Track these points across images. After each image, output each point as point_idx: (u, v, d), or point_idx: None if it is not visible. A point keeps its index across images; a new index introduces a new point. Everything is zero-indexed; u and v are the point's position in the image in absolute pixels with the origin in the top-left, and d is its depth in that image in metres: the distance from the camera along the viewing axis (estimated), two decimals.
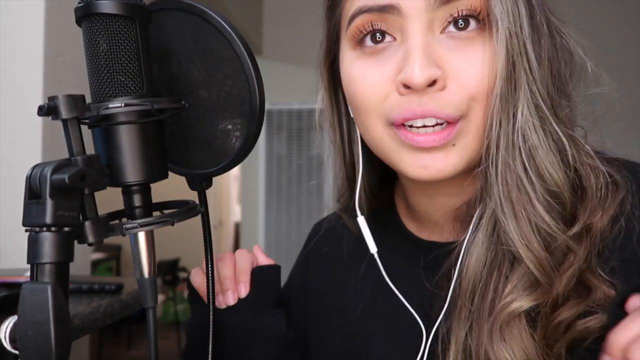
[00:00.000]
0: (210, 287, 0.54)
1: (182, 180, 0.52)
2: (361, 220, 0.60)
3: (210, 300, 0.54)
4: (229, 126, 0.47)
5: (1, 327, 0.38)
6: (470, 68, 0.47)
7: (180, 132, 0.49)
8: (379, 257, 0.59)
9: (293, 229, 3.25)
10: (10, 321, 0.39)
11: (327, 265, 0.69)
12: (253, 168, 3.29)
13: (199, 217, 0.50)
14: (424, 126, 0.49)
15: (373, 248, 0.59)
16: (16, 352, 0.38)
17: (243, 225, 3.59)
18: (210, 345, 0.53)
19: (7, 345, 0.38)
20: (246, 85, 0.45)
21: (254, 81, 0.45)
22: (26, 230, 0.38)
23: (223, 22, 0.45)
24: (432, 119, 0.48)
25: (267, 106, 0.47)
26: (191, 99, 0.47)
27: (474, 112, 0.48)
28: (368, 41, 0.51)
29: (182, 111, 0.47)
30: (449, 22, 0.48)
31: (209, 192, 0.53)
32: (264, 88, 0.46)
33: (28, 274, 0.38)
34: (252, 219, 3.42)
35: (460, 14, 0.47)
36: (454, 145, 0.49)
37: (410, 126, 0.49)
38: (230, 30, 0.45)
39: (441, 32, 0.49)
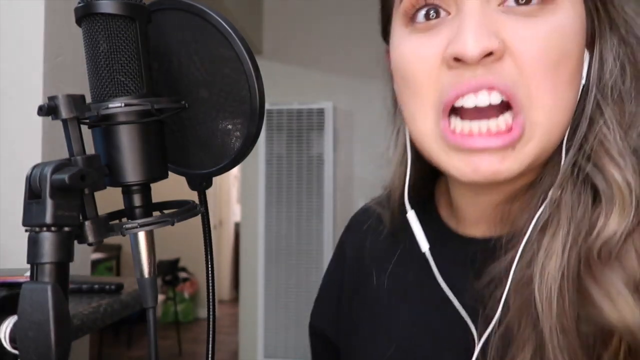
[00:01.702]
0: (211, 287, 0.54)
1: (182, 180, 0.52)
2: (411, 216, 0.54)
3: (211, 300, 0.54)
4: (229, 126, 0.47)
5: (1, 327, 0.38)
6: (532, 40, 0.43)
7: (180, 132, 0.49)
8: (415, 253, 0.54)
9: (293, 229, 3.25)
10: (10, 321, 0.39)
11: (363, 259, 0.64)
12: (253, 168, 3.29)
13: (199, 217, 0.49)
14: (477, 114, 0.44)
15: (425, 245, 0.53)
16: (16, 352, 0.38)
17: (243, 225, 3.59)
18: (210, 345, 0.53)
19: (7, 345, 0.38)
20: (246, 85, 0.45)
21: (254, 81, 0.45)
22: (26, 230, 0.38)
23: (223, 22, 0.45)
24: (484, 93, 0.43)
25: (267, 106, 0.47)
26: (191, 99, 0.47)
27: (536, 102, 0.43)
28: (421, 17, 0.47)
29: (182, 111, 0.47)
30: None
31: (209, 192, 0.53)
32: (264, 88, 0.46)
33: (28, 274, 0.38)
34: (252, 219, 3.41)
35: None
36: (513, 149, 0.44)
37: (461, 116, 0.45)
38: (230, 30, 0.45)
39: (499, 5, 0.44)
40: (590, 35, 0.47)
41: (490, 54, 0.42)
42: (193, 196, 0.51)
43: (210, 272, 0.54)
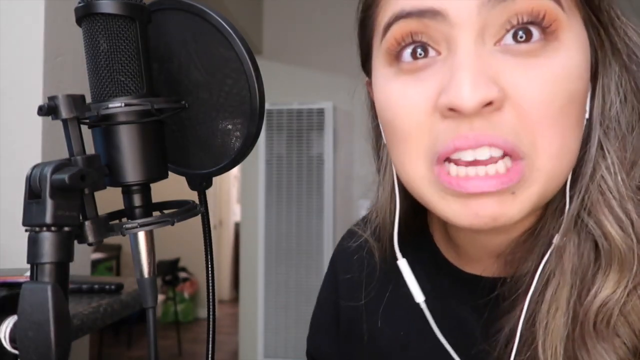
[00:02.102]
0: (211, 287, 0.54)
1: (182, 180, 0.52)
2: (403, 265, 0.50)
3: (211, 300, 0.54)
4: (229, 126, 0.47)
5: (1, 327, 0.38)
6: (535, 87, 0.38)
7: (180, 132, 0.49)
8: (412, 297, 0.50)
9: (293, 229, 3.25)
10: (10, 321, 0.39)
11: (357, 292, 0.61)
12: (253, 168, 3.28)
13: (199, 217, 0.49)
14: (475, 161, 0.40)
15: (420, 297, 0.49)
16: (16, 352, 0.38)
17: (243, 225, 3.59)
18: (210, 345, 0.53)
19: (7, 345, 0.38)
20: (246, 85, 0.45)
21: (254, 81, 0.45)
22: (26, 230, 0.38)
23: (223, 22, 0.45)
24: (485, 148, 0.39)
25: (267, 106, 0.47)
26: (191, 99, 0.47)
27: (541, 151, 0.39)
28: (407, 56, 0.42)
29: (182, 111, 0.47)
30: (507, 31, 0.39)
31: (209, 192, 0.53)
32: (264, 88, 0.46)
33: (28, 274, 0.38)
34: (252, 219, 3.41)
35: (520, 21, 0.39)
36: (513, 193, 0.40)
37: (456, 163, 0.41)
38: (230, 30, 0.45)
39: (495, 44, 0.40)
40: (593, 64, 0.43)
41: (489, 103, 0.38)
42: (193, 196, 0.51)
43: (210, 272, 0.54)
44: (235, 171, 5.46)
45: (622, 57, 0.43)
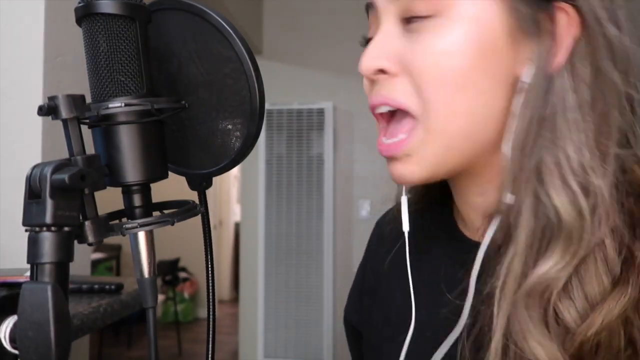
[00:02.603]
0: (211, 287, 0.54)
1: (182, 180, 0.52)
2: (404, 200, 0.56)
3: (211, 300, 0.54)
4: (229, 126, 0.47)
5: (1, 327, 0.38)
6: (420, 58, 0.46)
7: (180, 132, 0.49)
8: (413, 244, 0.55)
9: (293, 229, 3.25)
10: (10, 321, 0.39)
11: (378, 257, 0.67)
12: (253, 168, 3.28)
13: (199, 217, 0.49)
14: (380, 114, 0.49)
15: (406, 226, 0.54)
16: (16, 352, 0.38)
17: (243, 225, 3.59)
18: (210, 345, 0.53)
19: (7, 345, 0.38)
20: (246, 85, 0.45)
21: (254, 81, 0.45)
22: (26, 230, 0.38)
23: (223, 22, 0.45)
24: (384, 106, 0.48)
25: (267, 106, 0.47)
26: (191, 99, 0.47)
27: (432, 113, 0.46)
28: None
29: (182, 111, 0.47)
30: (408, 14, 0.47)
31: (209, 192, 0.53)
32: (264, 88, 0.46)
33: (28, 274, 0.38)
34: (252, 219, 3.41)
35: (410, 14, 0.46)
36: (408, 155, 0.47)
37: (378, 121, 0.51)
38: (230, 30, 0.45)
39: (404, 26, 0.48)
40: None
41: (382, 71, 0.47)
42: (193, 196, 0.51)
43: (210, 272, 0.54)
44: (235, 171, 5.46)
45: (595, 38, 0.45)
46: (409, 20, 0.47)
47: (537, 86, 0.45)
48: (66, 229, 0.38)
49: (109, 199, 0.58)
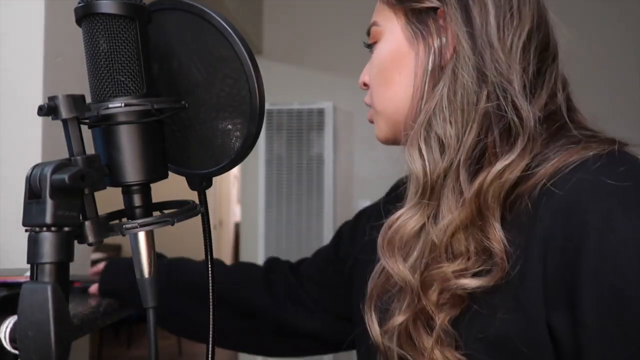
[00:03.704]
0: (211, 287, 0.54)
1: (182, 180, 0.52)
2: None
3: (211, 299, 0.54)
4: (229, 126, 0.47)
5: (1, 327, 0.38)
6: (368, 69, 0.66)
7: (180, 132, 0.49)
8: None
9: (293, 229, 3.25)
10: (10, 321, 0.39)
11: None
12: (253, 168, 3.28)
13: (199, 217, 0.50)
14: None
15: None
16: (16, 352, 0.38)
17: (243, 225, 3.59)
18: (210, 342, 0.54)
19: (7, 345, 0.38)
20: (246, 85, 0.45)
21: (254, 81, 0.45)
22: (26, 230, 0.38)
23: (223, 22, 0.45)
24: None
25: (267, 106, 0.47)
26: (191, 99, 0.47)
27: (375, 102, 0.64)
28: None
29: (182, 111, 0.47)
30: None
31: (209, 192, 0.53)
32: (264, 88, 0.46)
33: (28, 274, 0.38)
34: (252, 219, 3.41)
35: (369, 42, 0.65)
36: (373, 123, 0.66)
37: None
38: (230, 30, 0.45)
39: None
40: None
41: (365, 84, 0.67)
42: (193, 196, 0.51)
43: (210, 272, 0.54)
44: (235, 171, 5.45)
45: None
46: (369, 47, 0.65)
47: (429, 78, 0.57)
48: (66, 229, 0.38)
49: (109, 199, 0.58)
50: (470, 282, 0.50)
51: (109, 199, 0.58)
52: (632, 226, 0.44)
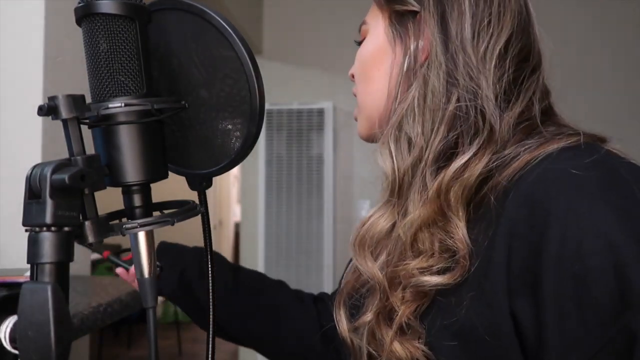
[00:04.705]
0: (211, 287, 0.54)
1: (182, 180, 0.52)
2: None
3: (211, 300, 0.54)
4: (229, 126, 0.47)
5: (1, 327, 0.39)
6: (354, 63, 0.68)
7: (180, 132, 0.49)
8: None
9: (293, 229, 3.25)
10: (10, 321, 0.39)
11: None
12: (253, 168, 3.28)
13: (199, 217, 0.50)
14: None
15: None
16: (16, 352, 0.38)
17: (243, 225, 3.59)
18: (210, 345, 0.54)
19: (7, 345, 0.38)
20: (246, 85, 0.45)
21: (254, 81, 0.45)
22: (26, 230, 0.38)
23: (223, 22, 0.45)
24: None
25: (267, 106, 0.47)
26: (191, 99, 0.47)
27: (359, 96, 0.65)
28: None
29: (182, 111, 0.47)
30: None
31: (209, 192, 0.53)
32: (264, 88, 0.46)
33: (28, 274, 0.38)
34: (252, 219, 3.41)
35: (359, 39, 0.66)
36: (357, 120, 0.67)
37: None
38: (230, 30, 0.45)
39: None
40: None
41: (352, 76, 0.68)
42: (193, 196, 0.51)
43: (210, 272, 0.54)
44: (235, 171, 5.45)
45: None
46: (359, 44, 0.66)
47: (404, 79, 0.58)
48: (66, 229, 0.38)
49: (109, 199, 0.58)
50: (431, 280, 0.51)
51: (109, 199, 0.58)
52: (596, 215, 0.45)
